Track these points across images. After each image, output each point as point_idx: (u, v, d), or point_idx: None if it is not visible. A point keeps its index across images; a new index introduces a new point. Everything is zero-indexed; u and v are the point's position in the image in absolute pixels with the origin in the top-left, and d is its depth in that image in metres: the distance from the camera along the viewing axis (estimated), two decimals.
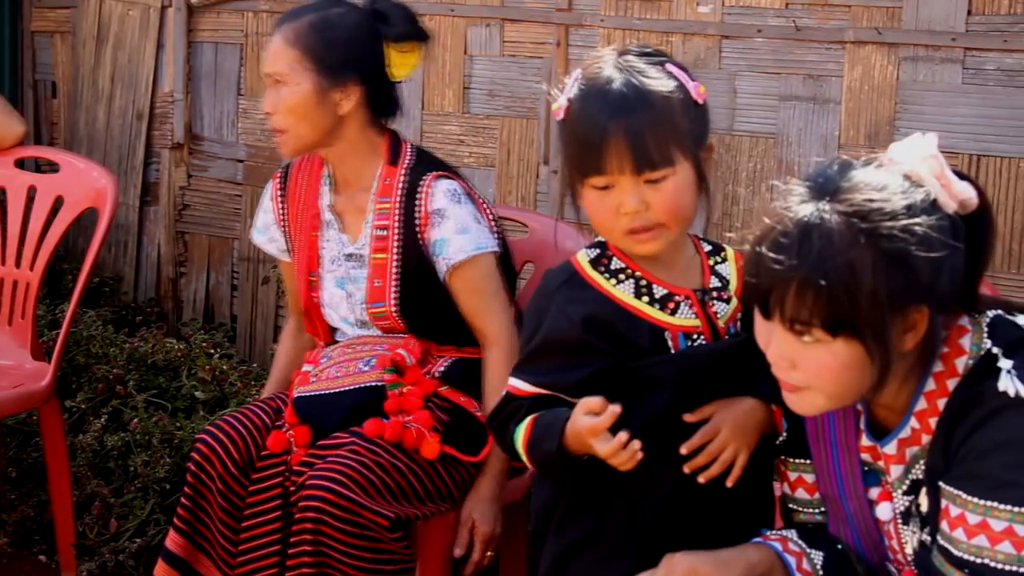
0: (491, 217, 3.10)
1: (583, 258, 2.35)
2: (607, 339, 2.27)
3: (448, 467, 2.95)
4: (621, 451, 2.14)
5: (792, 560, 2.19)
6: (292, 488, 2.89)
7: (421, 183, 3.02)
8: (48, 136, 5.38)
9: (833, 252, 1.90)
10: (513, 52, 4.32)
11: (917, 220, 1.90)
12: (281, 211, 3.21)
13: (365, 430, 2.88)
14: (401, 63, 3.09)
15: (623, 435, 2.14)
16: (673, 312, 2.30)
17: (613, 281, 2.31)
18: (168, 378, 4.42)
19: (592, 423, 2.15)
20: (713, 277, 2.36)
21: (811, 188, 1.97)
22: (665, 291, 2.31)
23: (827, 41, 3.82)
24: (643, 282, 2.31)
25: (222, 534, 2.96)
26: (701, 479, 2.27)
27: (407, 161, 3.08)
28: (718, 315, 2.33)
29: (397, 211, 3.03)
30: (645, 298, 2.30)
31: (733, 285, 2.36)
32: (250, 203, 4.88)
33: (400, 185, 3.04)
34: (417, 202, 3.01)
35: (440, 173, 3.05)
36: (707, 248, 2.41)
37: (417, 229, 3.01)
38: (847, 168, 2.00)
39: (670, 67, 2.28)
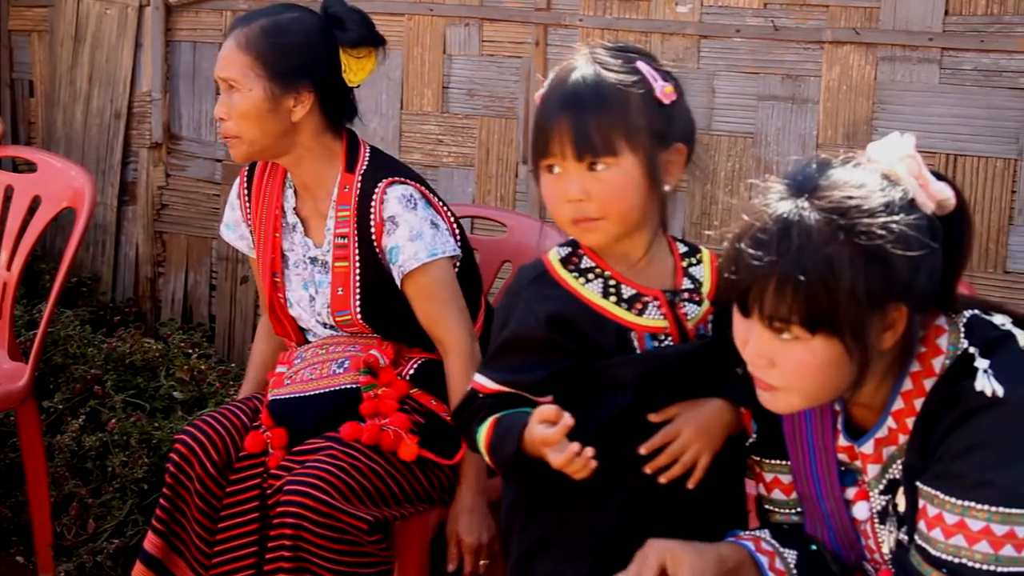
0: (451, 220, 3.07)
1: (554, 256, 2.35)
2: (572, 338, 2.27)
3: (425, 469, 2.95)
4: (575, 460, 2.14)
5: (764, 560, 2.19)
6: (270, 491, 2.88)
7: (375, 191, 2.99)
8: (25, 136, 5.36)
9: (812, 248, 1.90)
10: (492, 52, 4.32)
11: (895, 218, 1.91)
12: (247, 209, 3.19)
13: (342, 434, 2.88)
14: (357, 68, 3.04)
15: (575, 445, 2.13)
16: (640, 312, 2.30)
17: (582, 280, 2.31)
18: (146, 378, 4.41)
19: (545, 434, 2.15)
20: (685, 278, 2.36)
21: (790, 185, 1.98)
22: (633, 291, 2.31)
23: (805, 41, 3.83)
24: (612, 282, 2.31)
25: (198, 535, 2.95)
26: (662, 479, 2.27)
27: (363, 167, 3.04)
28: (687, 316, 2.32)
29: (354, 220, 3.00)
30: (612, 298, 2.30)
31: (706, 287, 2.36)
32: None
33: (356, 193, 3.01)
34: (371, 210, 2.98)
35: (394, 179, 3.01)
36: (683, 249, 2.41)
37: (372, 237, 2.99)
38: (826, 166, 2.00)
39: (640, 64, 2.28)
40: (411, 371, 3.03)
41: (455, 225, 3.06)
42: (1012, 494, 1.91)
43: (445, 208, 3.07)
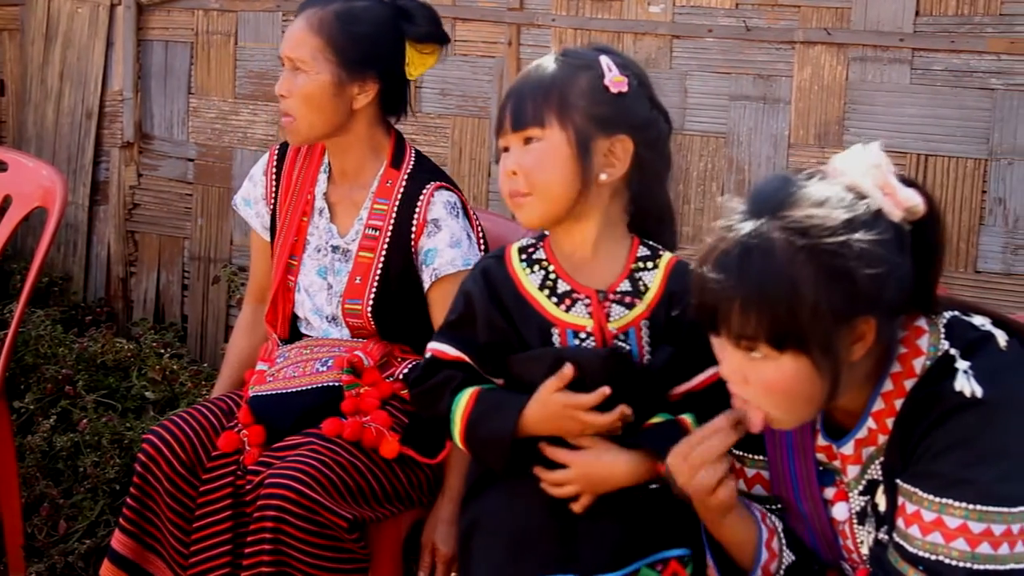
0: (481, 235, 3.10)
1: (516, 244, 2.42)
2: (500, 310, 2.35)
3: (406, 468, 2.94)
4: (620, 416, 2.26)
5: (765, 534, 2.22)
6: (247, 487, 2.87)
7: (423, 191, 3.01)
8: None
9: (774, 270, 1.91)
10: (465, 51, 4.33)
11: (857, 235, 1.92)
12: (273, 188, 3.19)
13: (324, 429, 2.87)
14: (419, 62, 3.08)
15: (622, 408, 2.26)
16: (568, 309, 2.33)
17: (528, 270, 2.37)
18: (118, 378, 4.40)
19: (582, 399, 2.24)
20: (626, 281, 2.37)
21: (752, 206, 1.99)
22: (568, 287, 2.35)
23: (777, 41, 3.85)
24: (552, 276, 2.36)
25: (173, 535, 2.94)
26: (543, 487, 2.33)
27: (409, 166, 3.07)
28: (609, 317, 2.34)
29: (393, 215, 3.02)
30: (547, 291, 2.35)
31: (651, 293, 2.37)
32: (201, 202, 4.86)
33: (400, 189, 3.03)
34: (416, 209, 3.00)
35: (442, 184, 3.04)
36: (643, 253, 2.42)
37: (412, 235, 3.00)
38: (788, 184, 2.01)
39: (601, 56, 2.33)
40: (404, 371, 3.03)
41: (482, 240, 3.09)
42: (989, 492, 1.93)
43: (477, 222, 3.11)
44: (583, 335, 2.32)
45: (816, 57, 3.79)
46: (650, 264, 2.40)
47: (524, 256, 2.39)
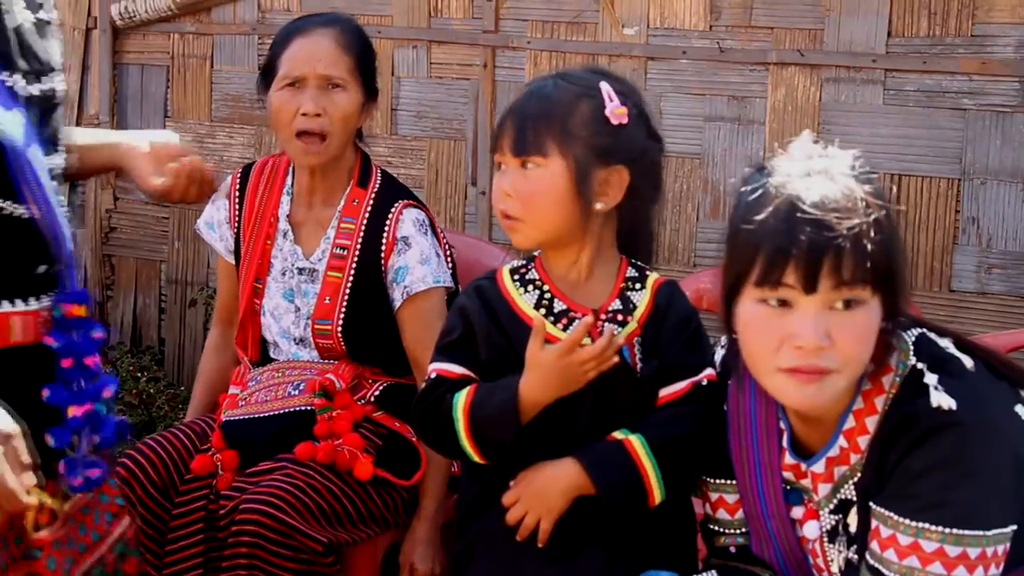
0: (448, 253, 3.11)
1: (507, 266, 2.43)
2: (502, 336, 2.35)
3: (380, 490, 2.94)
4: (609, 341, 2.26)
5: None
6: (221, 512, 2.87)
7: (392, 209, 3.02)
8: None
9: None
10: (440, 74, 4.33)
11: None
12: (236, 211, 3.18)
13: (297, 453, 2.87)
14: None
15: (610, 329, 2.27)
16: (566, 328, 2.34)
17: (521, 290, 2.38)
18: None
19: (569, 339, 2.23)
20: (617, 300, 2.39)
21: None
22: (565, 307, 2.36)
23: (751, 63, 3.87)
24: (547, 296, 2.37)
25: (145, 558, 2.93)
26: (518, 537, 2.33)
27: (376, 185, 3.08)
28: (602, 335, 2.34)
29: (361, 233, 3.03)
30: (543, 310, 2.35)
31: (639, 311, 2.37)
32: (177, 226, 4.86)
33: (368, 208, 3.04)
34: (386, 227, 3.01)
35: (410, 202, 3.06)
36: (631, 274, 2.43)
37: (381, 254, 3.01)
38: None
39: (602, 83, 2.34)
40: (376, 393, 3.03)
41: (450, 259, 3.09)
42: (965, 515, 1.94)
43: (445, 241, 3.13)
44: None
45: (790, 78, 3.81)
46: (638, 285, 2.42)
47: (516, 277, 2.40)
